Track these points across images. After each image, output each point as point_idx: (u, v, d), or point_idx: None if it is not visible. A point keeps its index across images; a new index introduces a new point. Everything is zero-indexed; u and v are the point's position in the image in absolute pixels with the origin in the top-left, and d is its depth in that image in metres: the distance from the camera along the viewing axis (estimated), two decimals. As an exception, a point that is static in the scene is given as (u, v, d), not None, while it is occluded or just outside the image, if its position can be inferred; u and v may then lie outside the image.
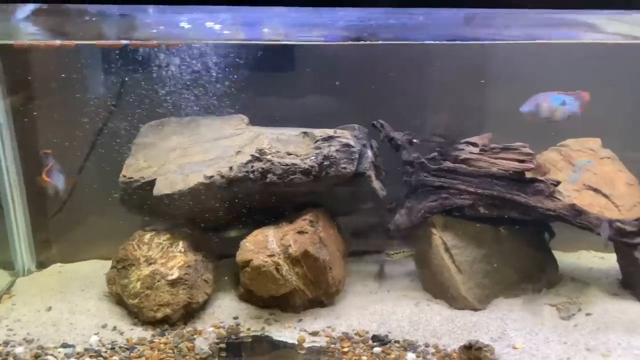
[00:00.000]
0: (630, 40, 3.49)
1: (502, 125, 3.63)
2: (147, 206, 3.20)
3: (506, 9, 2.23)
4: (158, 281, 2.99)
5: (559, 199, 3.03)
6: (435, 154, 3.35)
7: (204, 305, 3.14)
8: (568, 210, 3.01)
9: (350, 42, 3.14)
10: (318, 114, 3.58)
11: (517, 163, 3.08)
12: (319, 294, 3.16)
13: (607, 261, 3.64)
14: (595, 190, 3.30)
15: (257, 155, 3.02)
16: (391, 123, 3.46)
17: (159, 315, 2.96)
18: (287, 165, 3.03)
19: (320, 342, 2.92)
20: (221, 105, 3.17)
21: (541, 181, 3.05)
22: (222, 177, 3.01)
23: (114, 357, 2.75)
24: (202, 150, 3.13)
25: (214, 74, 3.05)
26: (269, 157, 3.03)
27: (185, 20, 2.54)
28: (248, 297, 3.18)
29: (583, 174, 3.34)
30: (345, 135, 3.17)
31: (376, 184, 3.36)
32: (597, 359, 2.74)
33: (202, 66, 3.01)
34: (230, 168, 3.02)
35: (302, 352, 2.87)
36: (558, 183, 3.07)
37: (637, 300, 3.26)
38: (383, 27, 2.11)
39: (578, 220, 2.99)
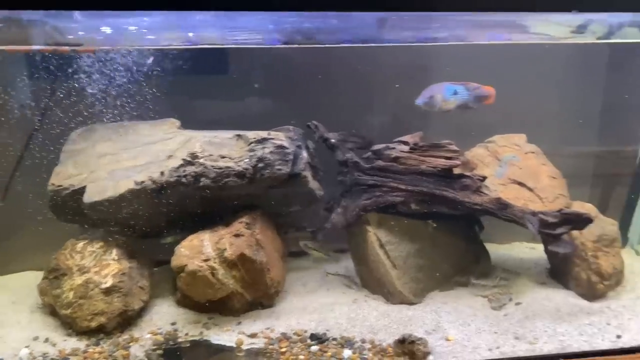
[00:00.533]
0: (553, 41, 3.64)
1: (435, 124, 3.76)
2: (78, 214, 3.13)
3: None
4: (92, 290, 2.94)
5: (485, 194, 3.13)
6: (370, 153, 3.42)
7: (140, 313, 3.11)
8: (494, 204, 3.12)
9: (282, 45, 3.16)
10: (255, 117, 3.60)
11: (444, 160, 3.17)
12: (258, 296, 3.17)
13: (537, 251, 3.78)
14: (520, 183, 3.44)
15: (189, 159, 3.00)
16: (328, 124, 3.51)
17: (94, 324, 2.91)
18: (220, 168, 3.02)
19: (259, 343, 2.93)
20: (152, 109, 3.13)
21: (468, 177, 3.15)
22: (154, 182, 2.97)
23: (45, 370, 2.71)
24: (133, 156, 3.09)
25: (141, 80, 3.02)
26: (201, 160, 3.01)
27: (106, 25, 2.49)
28: (186, 302, 3.16)
29: (509, 169, 3.46)
30: (279, 137, 3.19)
31: (313, 184, 3.40)
32: (525, 347, 2.85)
33: (130, 71, 2.97)
34: (162, 173, 2.98)
35: (241, 354, 2.87)
36: (484, 178, 3.18)
37: (563, 288, 3.42)
38: (299, 31, 2.13)
39: (503, 214, 3.10)
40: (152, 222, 3.18)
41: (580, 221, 3.07)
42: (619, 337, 2.92)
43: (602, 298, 3.30)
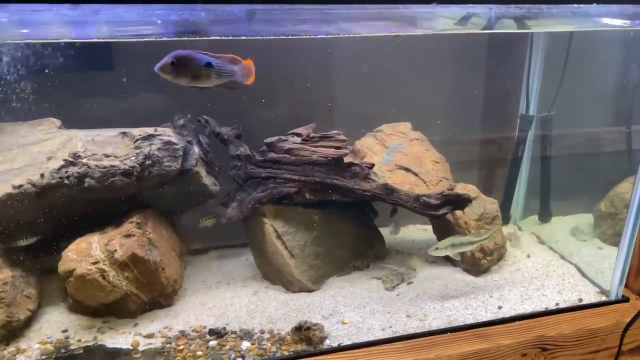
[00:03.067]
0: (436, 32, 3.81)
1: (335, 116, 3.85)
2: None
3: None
4: (-30, 303, 2.77)
5: (373, 180, 3.26)
6: (264, 146, 3.45)
7: (28, 322, 2.95)
8: (381, 190, 3.25)
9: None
10: (145, 114, 3.50)
11: (334, 150, 3.26)
12: (155, 295, 3.11)
13: (429, 232, 3.98)
14: (406, 169, 3.59)
15: (71, 159, 2.87)
16: (225, 118, 3.48)
17: (-27, 339, 2.75)
18: (105, 167, 2.93)
19: (156, 343, 2.88)
20: (28, 110, 2.97)
21: (357, 165, 3.26)
22: (33, 185, 2.82)
23: None
24: (9, 159, 2.91)
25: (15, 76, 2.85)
26: (84, 160, 2.90)
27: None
28: (78, 308, 3.04)
29: (395, 156, 3.62)
30: (167, 133, 3.13)
31: (207, 180, 3.37)
32: (415, 324, 3.01)
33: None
34: (42, 175, 2.84)
35: (137, 356, 2.81)
36: (372, 165, 3.30)
37: (451, 265, 3.63)
38: (171, 23, 2.11)
39: (391, 198, 3.24)
40: (35, 228, 3.03)
41: (460, 202, 3.27)
42: (500, 308, 3.15)
43: (486, 272, 3.55)
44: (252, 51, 3.25)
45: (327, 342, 2.86)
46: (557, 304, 3.20)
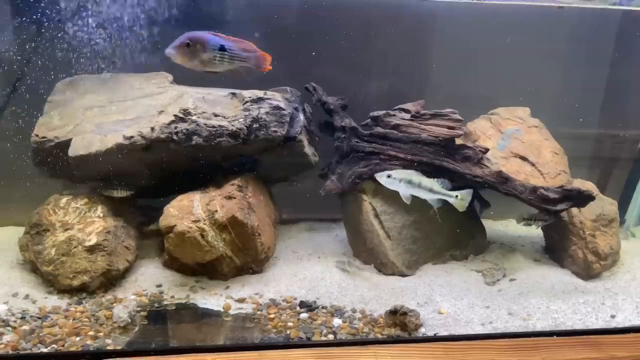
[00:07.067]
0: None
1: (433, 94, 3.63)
2: (62, 168, 2.99)
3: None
4: (75, 247, 2.83)
5: (486, 166, 3.05)
6: (369, 120, 3.31)
7: (125, 273, 3.01)
8: (495, 177, 3.03)
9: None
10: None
11: (446, 129, 3.07)
12: (248, 260, 3.08)
13: (534, 228, 3.71)
14: (523, 158, 3.35)
15: (182, 115, 2.86)
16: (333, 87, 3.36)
17: (76, 283, 2.80)
18: (213, 127, 2.89)
19: (247, 309, 2.85)
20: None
21: (470, 148, 3.06)
22: (143, 138, 2.84)
23: (24, 327, 2.58)
24: (122, 109, 2.94)
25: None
26: (194, 117, 2.88)
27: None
28: (173, 264, 3.06)
29: (511, 142, 3.37)
30: (276, 98, 3.06)
31: (308, 149, 3.29)
32: (518, 323, 2.80)
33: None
34: (152, 129, 2.85)
35: (228, 319, 2.79)
36: (486, 150, 3.09)
37: (558, 265, 3.38)
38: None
39: (504, 188, 3.02)
40: (139, 180, 3.05)
41: (582, 198, 3.01)
42: (613, 317, 2.88)
43: (597, 277, 3.27)
44: (360, 20, 3.09)
45: (422, 330, 2.72)
46: (679, 321, 2.90)
